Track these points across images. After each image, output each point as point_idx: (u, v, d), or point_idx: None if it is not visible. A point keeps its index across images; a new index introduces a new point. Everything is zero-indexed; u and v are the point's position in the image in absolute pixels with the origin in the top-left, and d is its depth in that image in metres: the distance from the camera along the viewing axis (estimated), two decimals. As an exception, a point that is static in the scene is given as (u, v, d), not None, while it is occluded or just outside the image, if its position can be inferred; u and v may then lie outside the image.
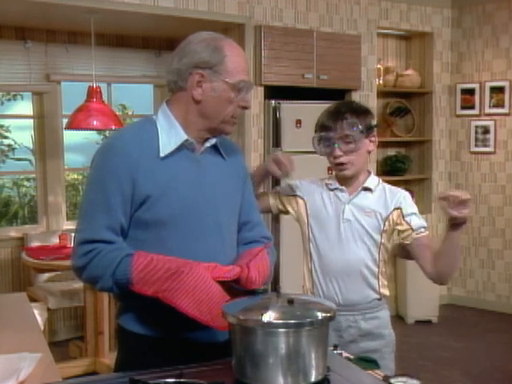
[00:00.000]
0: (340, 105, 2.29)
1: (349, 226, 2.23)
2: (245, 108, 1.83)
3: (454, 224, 2.07)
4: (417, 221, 2.24)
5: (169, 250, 1.70)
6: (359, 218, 2.23)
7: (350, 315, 2.23)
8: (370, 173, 2.31)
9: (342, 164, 2.21)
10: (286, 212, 2.39)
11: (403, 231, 2.23)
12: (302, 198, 2.33)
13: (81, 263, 1.71)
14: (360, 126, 2.18)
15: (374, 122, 2.30)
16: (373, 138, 2.25)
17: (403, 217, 2.23)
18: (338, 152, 2.20)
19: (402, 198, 2.26)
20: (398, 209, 2.23)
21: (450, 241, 2.14)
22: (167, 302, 1.63)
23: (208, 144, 1.84)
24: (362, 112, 2.23)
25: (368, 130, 2.22)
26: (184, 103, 1.78)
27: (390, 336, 2.30)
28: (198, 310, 1.62)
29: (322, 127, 2.24)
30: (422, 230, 2.23)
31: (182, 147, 1.78)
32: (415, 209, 2.27)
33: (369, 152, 2.27)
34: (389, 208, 2.23)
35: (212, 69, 1.74)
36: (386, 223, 2.23)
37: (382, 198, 2.25)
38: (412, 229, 2.22)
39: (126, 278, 1.65)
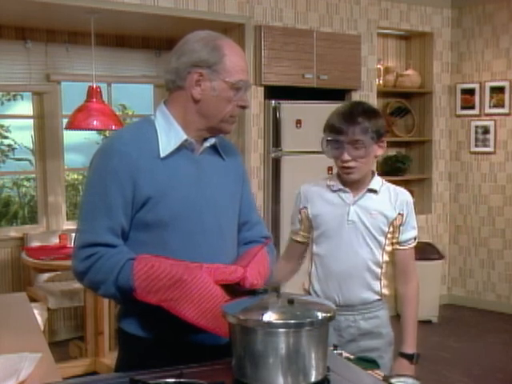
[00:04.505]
0: (352, 107, 2.22)
1: (353, 227, 2.21)
2: (243, 107, 1.82)
3: None
4: (407, 234, 2.25)
5: (170, 251, 1.69)
6: (364, 219, 2.21)
7: (350, 315, 2.23)
8: (373, 174, 2.28)
9: (349, 168, 2.18)
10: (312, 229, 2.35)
11: (393, 237, 2.25)
12: (304, 208, 2.31)
13: (82, 267, 1.69)
14: (371, 133, 2.14)
15: (384, 125, 2.23)
16: (381, 144, 2.21)
17: (401, 224, 2.24)
18: (346, 157, 2.15)
19: (405, 203, 2.25)
20: (400, 214, 2.23)
21: None
22: (172, 312, 1.62)
23: (207, 144, 1.83)
24: (373, 115, 2.18)
25: (378, 136, 2.17)
26: (183, 102, 1.77)
27: (388, 335, 2.30)
28: (204, 319, 1.61)
29: (332, 129, 2.18)
30: (411, 241, 2.26)
31: (182, 147, 1.77)
32: (413, 217, 2.27)
33: (376, 157, 2.24)
34: (393, 212, 2.22)
35: (211, 68, 1.73)
36: (391, 227, 2.23)
37: (387, 200, 2.24)
38: (398, 242, 2.25)
39: (129, 285, 1.63)
